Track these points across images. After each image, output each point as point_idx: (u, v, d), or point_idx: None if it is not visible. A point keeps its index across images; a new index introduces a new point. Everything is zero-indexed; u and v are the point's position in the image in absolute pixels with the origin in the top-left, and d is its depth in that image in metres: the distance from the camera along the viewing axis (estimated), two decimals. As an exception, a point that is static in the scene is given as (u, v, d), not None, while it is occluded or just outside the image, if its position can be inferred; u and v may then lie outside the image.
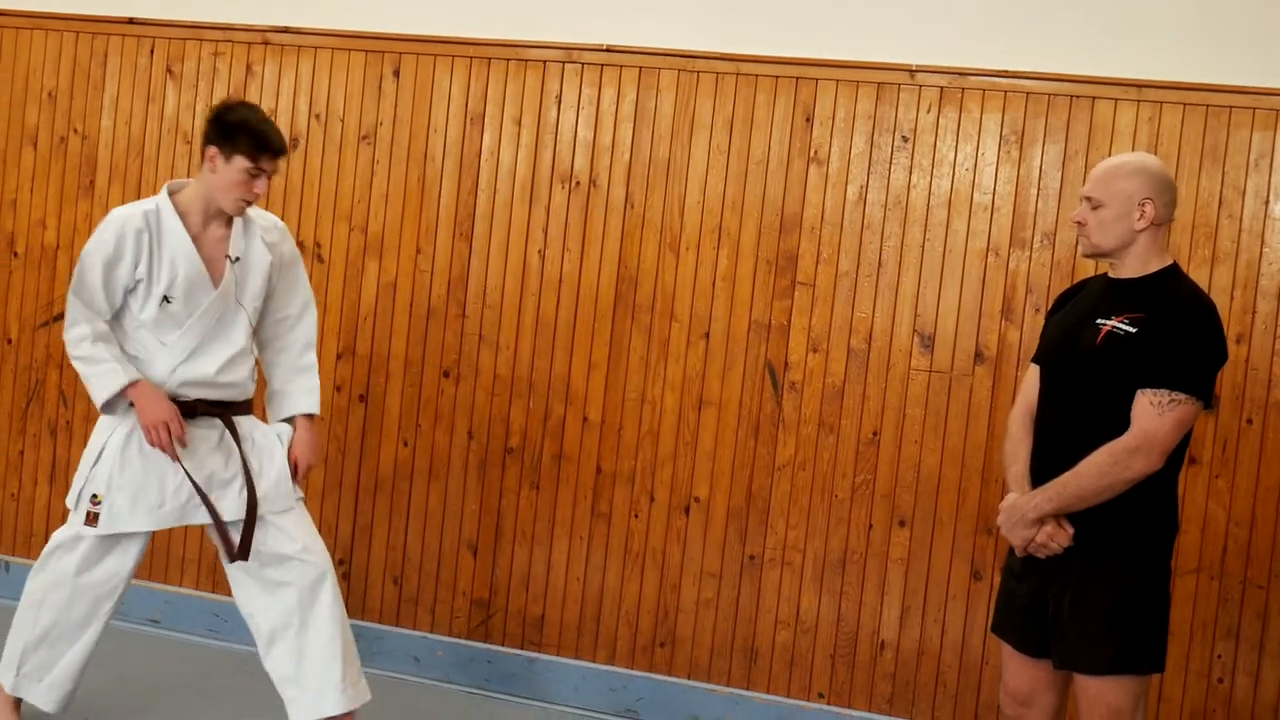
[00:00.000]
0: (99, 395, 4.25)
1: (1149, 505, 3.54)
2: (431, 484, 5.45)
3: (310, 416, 4.51)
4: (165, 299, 4.30)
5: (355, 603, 5.49)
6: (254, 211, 4.49)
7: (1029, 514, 3.58)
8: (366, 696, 4.44)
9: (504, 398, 5.35)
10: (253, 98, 5.59)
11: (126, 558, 4.38)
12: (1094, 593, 3.55)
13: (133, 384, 4.24)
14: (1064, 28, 4.86)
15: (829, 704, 5.06)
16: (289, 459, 4.44)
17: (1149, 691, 3.67)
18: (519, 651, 5.36)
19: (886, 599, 5.01)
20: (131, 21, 5.75)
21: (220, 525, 4.30)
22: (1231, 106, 4.69)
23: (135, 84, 5.76)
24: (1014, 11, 4.90)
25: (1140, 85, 4.76)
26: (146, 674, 5.14)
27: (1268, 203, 4.66)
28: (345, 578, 5.51)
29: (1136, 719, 3.55)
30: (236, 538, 4.33)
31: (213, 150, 4.27)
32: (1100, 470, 3.50)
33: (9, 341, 5.92)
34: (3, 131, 5.92)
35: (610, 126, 5.25)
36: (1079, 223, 3.69)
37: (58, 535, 4.40)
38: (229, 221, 4.41)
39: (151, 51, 5.74)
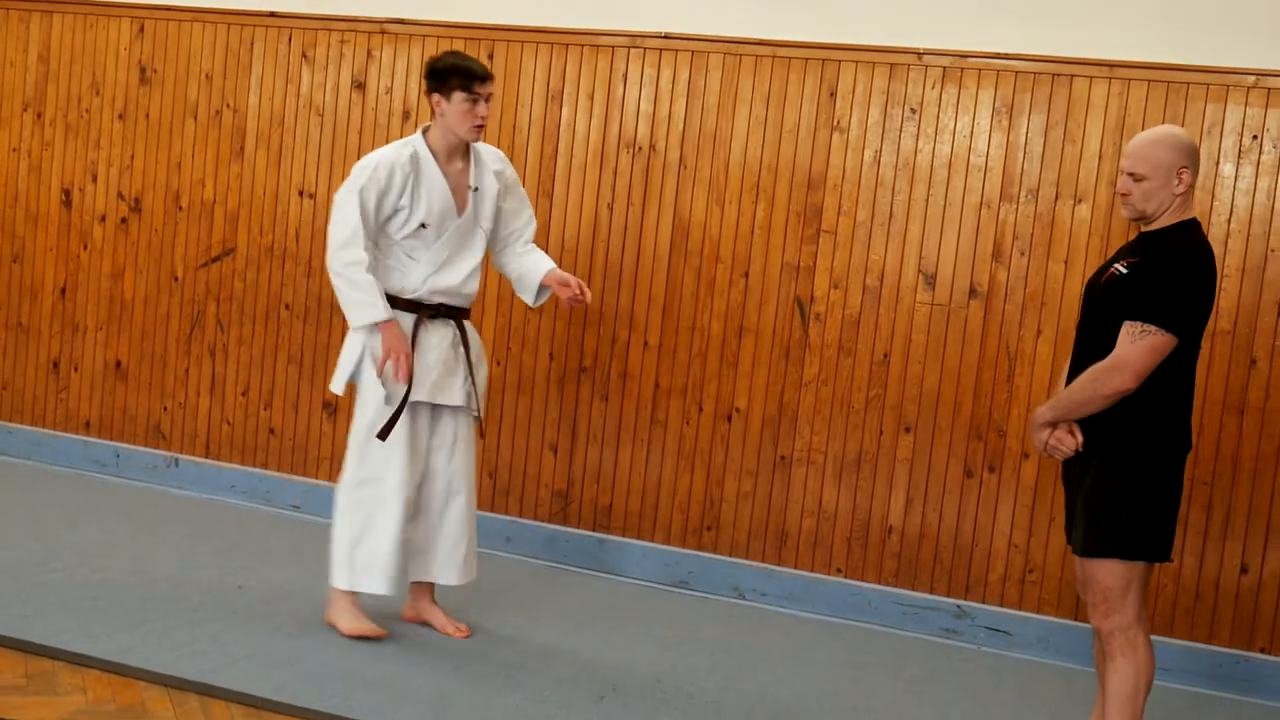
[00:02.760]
0: (358, 320, 4.31)
1: (1142, 420, 3.55)
2: (520, 397, 5.59)
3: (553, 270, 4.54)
4: (422, 225, 4.37)
5: (458, 493, 5.76)
6: (480, 147, 4.51)
7: (1036, 420, 3.71)
8: (472, 575, 4.55)
9: (579, 326, 5.50)
10: (372, 79, 5.70)
11: (398, 444, 4.37)
12: (1090, 488, 3.63)
13: (386, 321, 4.29)
14: (1048, 17, 4.90)
15: (846, 577, 5.19)
16: (570, 290, 4.44)
17: (1148, 578, 3.67)
18: (591, 533, 5.51)
19: (894, 492, 5.13)
20: (273, 15, 5.88)
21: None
22: (1188, 83, 4.74)
23: (276, 67, 5.89)
24: (1006, 2, 4.94)
25: (1112, 65, 4.81)
26: (289, 549, 5.31)
27: (1217, 164, 4.72)
28: (450, 473, 5.79)
29: (1129, 598, 3.57)
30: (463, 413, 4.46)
31: (436, 97, 4.33)
32: (1083, 386, 3.57)
33: (175, 279, 6.10)
34: (169, 107, 6.06)
35: (667, 101, 5.33)
36: (1123, 194, 3.64)
37: (359, 436, 4.41)
38: (466, 155, 4.45)
39: (289, 40, 5.86)
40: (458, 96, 4.32)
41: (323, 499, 5.75)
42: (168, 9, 6.07)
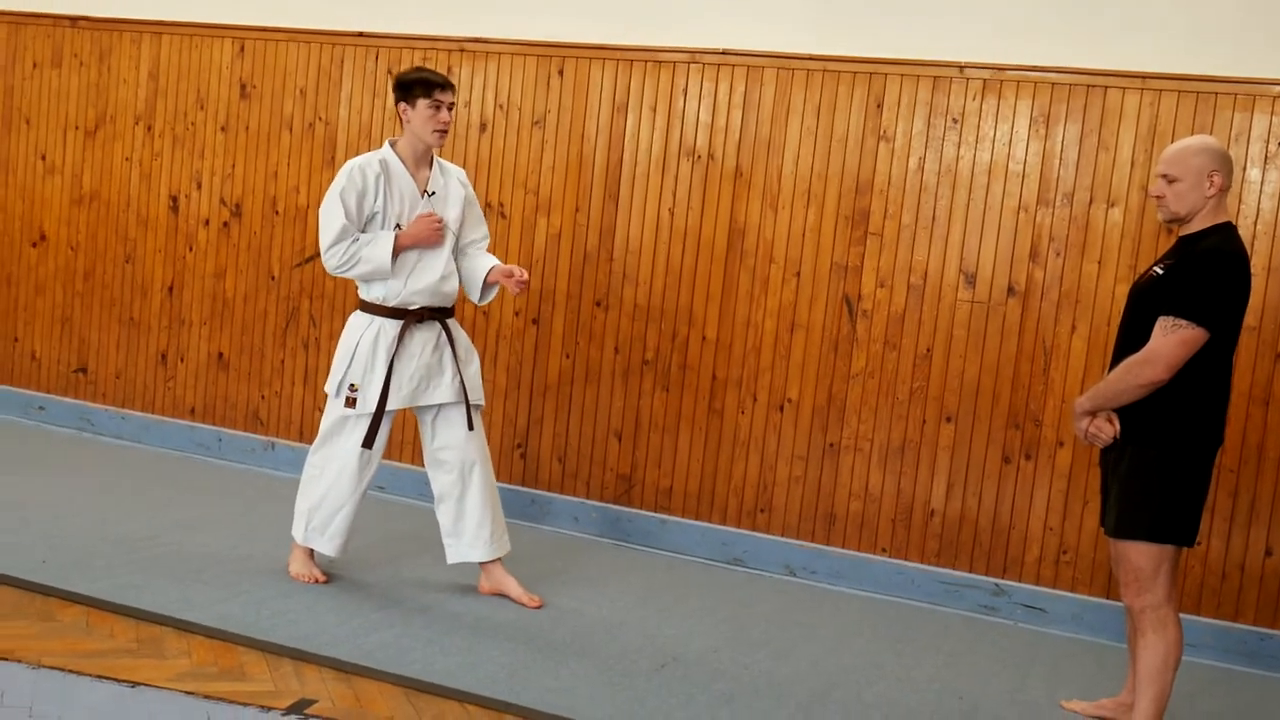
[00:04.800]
0: (384, 259, 4.30)
1: (1175, 412, 3.52)
2: (587, 387, 5.60)
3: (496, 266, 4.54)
4: (397, 226, 4.39)
5: (530, 475, 5.67)
6: (448, 164, 4.57)
7: (1076, 409, 3.69)
8: (505, 550, 4.60)
9: (642, 322, 5.49)
10: (452, 92, 5.83)
11: (378, 435, 4.47)
12: (1124, 474, 3.61)
13: (397, 237, 4.32)
14: (1081, 31, 4.85)
15: (890, 557, 5.17)
16: (514, 279, 4.41)
17: (1177, 560, 3.65)
18: (653, 514, 5.51)
19: (935, 477, 5.10)
20: (361, 35, 5.92)
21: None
22: (1216, 93, 4.68)
23: (364, 82, 5.92)
24: (1042, 18, 4.90)
25: (1143, 77, 4.76)
26: (377, 527, 5.31)
27: (1244, 170, 4.65)
28: (523, 457, 5.69)
29: (1159, 579, 3.56)
30: (454, 416, 4.48)
31: (402, 106, 4.38)
32: (1119, 376, 3.56)
33: (272, 278, 6.15)
34: (268, 119, 6.12)
35: (725, 112, 5.32)
36: (1158, 196, 3.62)
37: (327, 421, 4.51)
38: (430, 165, 4.48)
39: (376, 57, 5.90)
40: (422, 103, 4.37)
41: (406, 480, 5.87)
42: (266, 30, 6.13)
